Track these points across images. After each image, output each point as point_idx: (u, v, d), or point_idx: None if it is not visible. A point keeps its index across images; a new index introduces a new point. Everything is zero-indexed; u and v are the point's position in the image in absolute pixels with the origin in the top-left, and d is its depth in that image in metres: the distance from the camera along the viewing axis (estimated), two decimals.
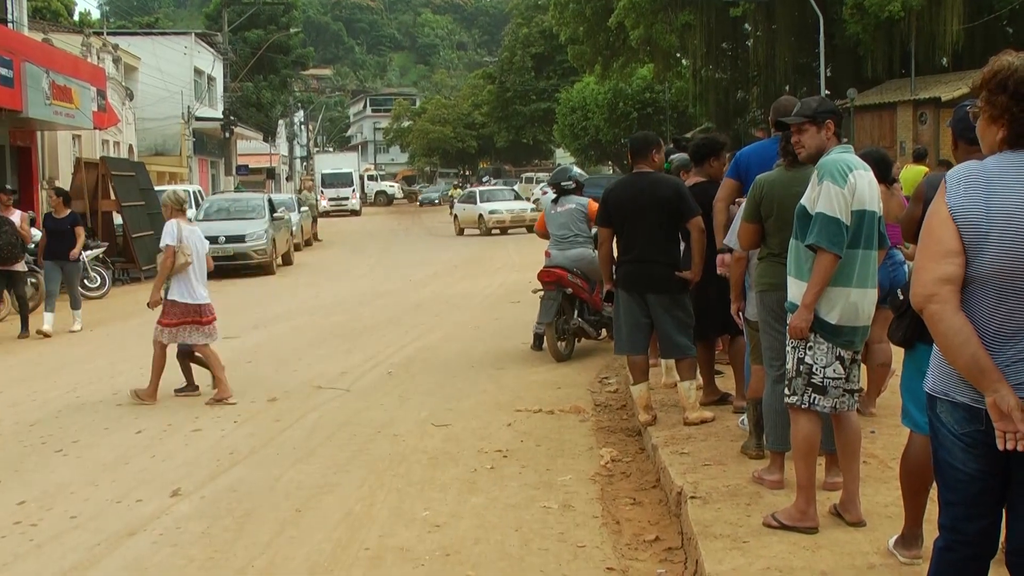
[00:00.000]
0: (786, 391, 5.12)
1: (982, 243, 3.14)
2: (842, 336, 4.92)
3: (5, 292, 16.82)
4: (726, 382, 8.37)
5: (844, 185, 4.83)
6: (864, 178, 4.90)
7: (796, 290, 5.03)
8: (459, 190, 55.98)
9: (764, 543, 4.90)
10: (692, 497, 5.65)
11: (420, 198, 77.02)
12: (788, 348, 5.11)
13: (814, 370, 4.98)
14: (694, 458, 6.50)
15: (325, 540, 5.74)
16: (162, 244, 9.75)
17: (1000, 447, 3.08)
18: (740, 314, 6.69)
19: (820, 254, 4.84)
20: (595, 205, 11.14)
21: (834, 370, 4.97)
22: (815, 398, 5.01)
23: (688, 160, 8.64)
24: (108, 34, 41.27)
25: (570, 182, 11.51)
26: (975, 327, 3.13)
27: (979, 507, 3.31)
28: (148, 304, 10.07)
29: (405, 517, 6.10)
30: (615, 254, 7.94)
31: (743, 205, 6.84)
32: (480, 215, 37.22)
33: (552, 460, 7.29)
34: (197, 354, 9.95)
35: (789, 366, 5.09)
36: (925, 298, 3.19)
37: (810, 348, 4.99)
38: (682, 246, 7.92)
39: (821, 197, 4.86)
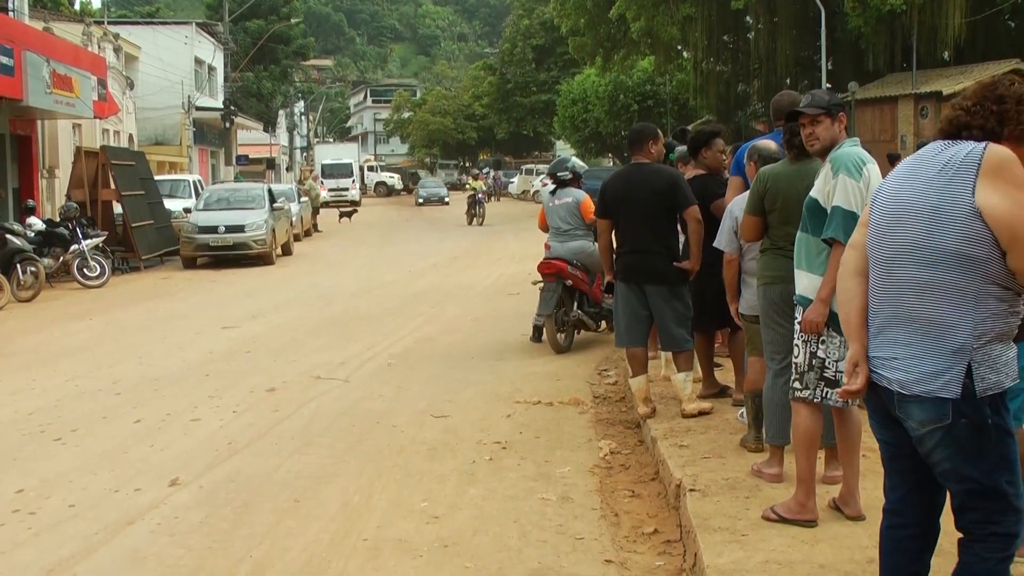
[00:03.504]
0: (796, 384, 5.11)
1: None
2: None
3: (4, 279, 16.86)
4: (725, 375, 8.37)
5: (860, 179, 4.81)
6: (875, 171, 4.89)
7: (806, 283, 5.02)
8: (478, 181, 43.40)
9: (763, 536, 4.90)
10: (691, 490, 5.65)
11: (420, 193, 60.22)
12: (799, 342, 5.09)
13: (827, 364, 4.98)
14: (693, 451, 6.50)
15: (323, 531, 5.74)
16: None
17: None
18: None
19: (837, 247, 4.81)
20: (590, 203, 11.15)
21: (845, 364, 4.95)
22: (827, 392, 5.01)
23: (687, 153, 8.64)
24: (109, 23, 41.20)
25: (567, 173, 11.49)
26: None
27: (893, 477, 3.62)
28: None
29: (403, 508, 6.10)
30: (615, 245, 7.96)
31: (735, 201, 6.86)
32: None
33: (551, 452, 7.28)
34: None
35: (801, 360, 5.07)
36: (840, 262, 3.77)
37: (823, 342, 4.98)
38: (682, 238, 7.92)
39: (837, 191, 4.83)
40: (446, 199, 58.56)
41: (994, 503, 3.35)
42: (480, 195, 39.29)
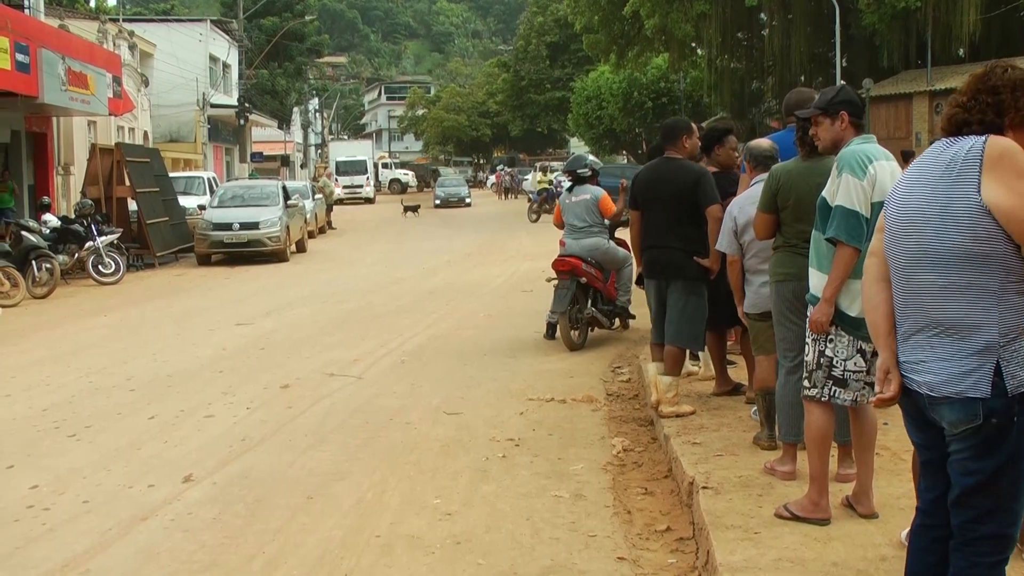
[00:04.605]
0: (805, 383, 5.10)
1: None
2: (863, 329, 4.85)
3: (20, 276, 16.93)
4: (739, 373, 8.35)
5: (863, 177, 4.78)
6: (886, 168, 4.81)
7: (817, 282, 5.01)
8: (544, 175, 38.68)
9: (776, 534, 4.89)
10: (704, 487, 5.64)
11: (437, 194, 53.69)
12: (808, 340, 5.09)
13: (835, 363, 4.96)
14: (706, 448, 6.49)
15: (336, 527, 5.75)
16: None
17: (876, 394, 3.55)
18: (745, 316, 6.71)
19: (840, 247, 4.81)
20: (608, 199, 11.17)
21: (855, 363, 4.94)
22: (835, 391, 4.99)
23: (700, 150, 8.62)
24: (124, 21, 41.36)
25: (585, 170, 11.47)
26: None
27: (927, 479, 3.56)
28: None
29: (416, 505, 6.11)
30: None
31: (734, 202, 6.85)
32: None
33: (564, 449, 7.28)
34: None
35: (809, 358, 5.07)
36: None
37: (831, 341, 4.96)
38: None
39: (840, 190, 4.82)
40: (467, 200, 52.91)
41: (990, 501, 3.29)
42: (557, 188, 35.64)
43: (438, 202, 52.42)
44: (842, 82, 32.51)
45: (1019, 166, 3.19)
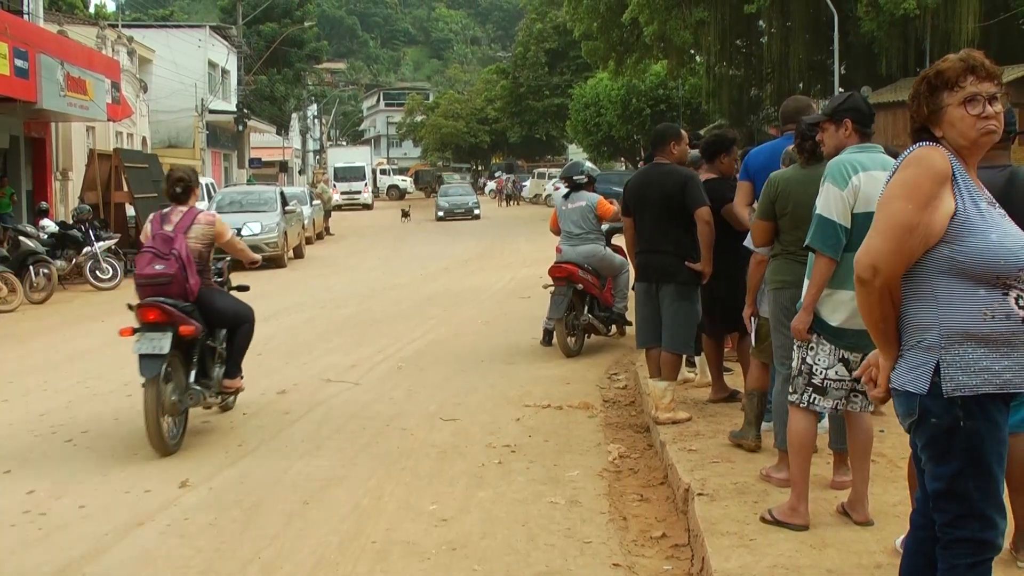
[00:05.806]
0: (790, 388, 5.14)
1: None
2: (845, 339, 4.88)
3: (17, 281, 16.93)
4: (735, 380, 8.36)
5: (845, 187, 4.78)
6: (877, 179, 4.66)
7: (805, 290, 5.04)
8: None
9: (771, 541, 4.90)
10: (699, 494, 5.65)
11: (440, 204, 46.20)
12: (794, 347, 5.11)
13: (814, 371, 4.98)
14: (702, 455, 6.50)
15: (332, 533, 5.75)
16: None
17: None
18: (752, 318, 6.68)
19: (817, 256, 4.84)
20: (605, 202, 11.18)
21: (836, 372, 4.95)
22: (814, 398, 5.01)
23: (699, 157, 8.62)
24: (123, 26, 41.41)
25: (582, 176, 11.47)
26: None
27: (918, 476, 3.62)
28: None
29: (412, 511, 6.11)
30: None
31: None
32: None
33: (560, 456, 7.28)
34: None
35: (794, 364, 5.10)
36: None
37: (811, 349, 4.98)
38: None
39: (820, 199, 4.86)
40: (476, 211, 45.86)
41: (959, 506, 3.33)
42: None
43: (441, 213, 45.49)
44: (841, 89, 32.57)
45: (905, 176, 3.34)
